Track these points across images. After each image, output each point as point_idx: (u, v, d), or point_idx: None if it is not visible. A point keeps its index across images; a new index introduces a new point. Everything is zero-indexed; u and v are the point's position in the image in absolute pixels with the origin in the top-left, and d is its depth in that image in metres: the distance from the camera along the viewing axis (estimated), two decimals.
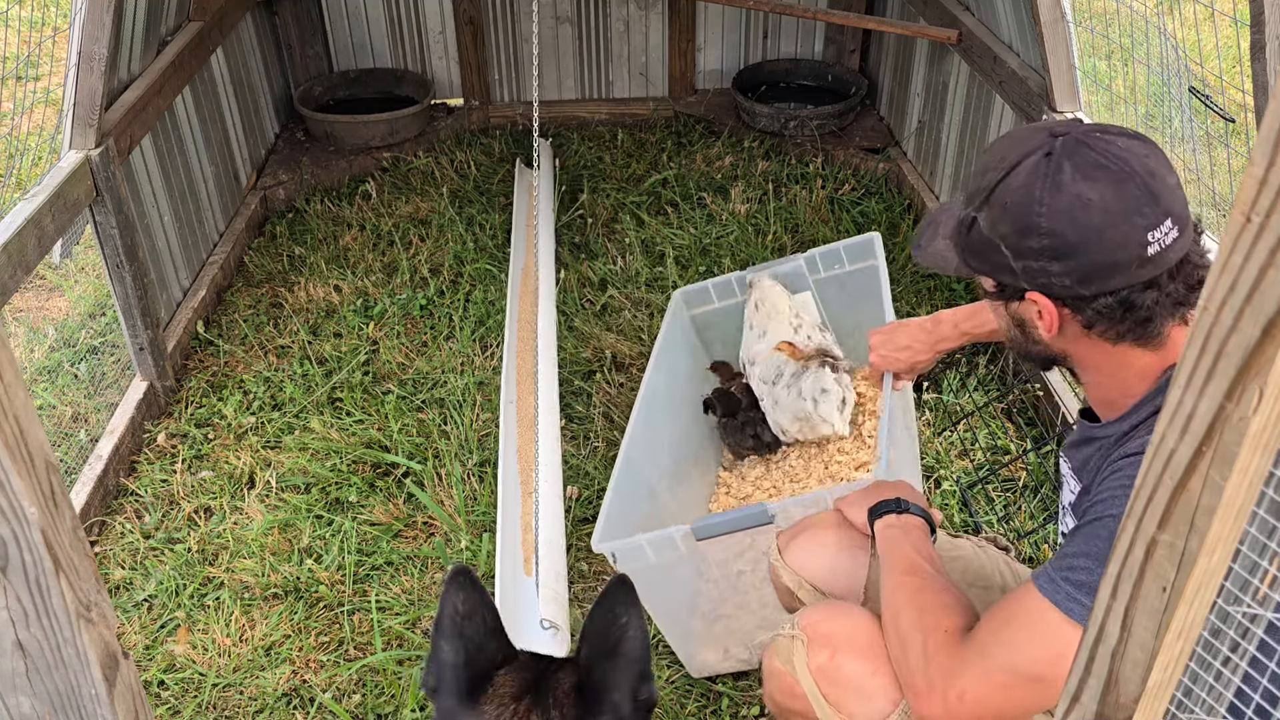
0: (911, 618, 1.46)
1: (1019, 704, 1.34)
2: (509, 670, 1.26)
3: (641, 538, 2.05)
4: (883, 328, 2.23)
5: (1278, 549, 0.71)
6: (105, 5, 2.69)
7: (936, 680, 1.37)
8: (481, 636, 1.25)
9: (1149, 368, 1.37)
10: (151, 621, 2.50)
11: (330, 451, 2.97)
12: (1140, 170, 1.28)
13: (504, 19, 4.78)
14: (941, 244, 1.50)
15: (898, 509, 1.68)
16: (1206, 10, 2.73)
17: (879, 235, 2.75)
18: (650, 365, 2.65)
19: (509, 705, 1.22)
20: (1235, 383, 0.66)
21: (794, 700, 1.59)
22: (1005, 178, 1.34)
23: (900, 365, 2.16)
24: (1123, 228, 1.27)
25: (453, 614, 1.24)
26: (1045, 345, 1.43)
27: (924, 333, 2.13)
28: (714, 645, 2.29)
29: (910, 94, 4.37)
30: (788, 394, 2.69)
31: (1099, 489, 1.34)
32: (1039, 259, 1.32)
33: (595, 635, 1.23)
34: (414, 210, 4.22)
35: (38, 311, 3.77)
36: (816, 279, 2.87)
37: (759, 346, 2.78)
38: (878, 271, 2.66)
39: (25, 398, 0.81)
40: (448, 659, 1.24)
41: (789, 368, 2.70)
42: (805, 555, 1.82)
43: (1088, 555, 1.28)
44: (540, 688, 1.23)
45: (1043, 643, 1.30)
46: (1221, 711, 0.82)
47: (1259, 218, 0.61)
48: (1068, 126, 1.35)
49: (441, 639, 1.24)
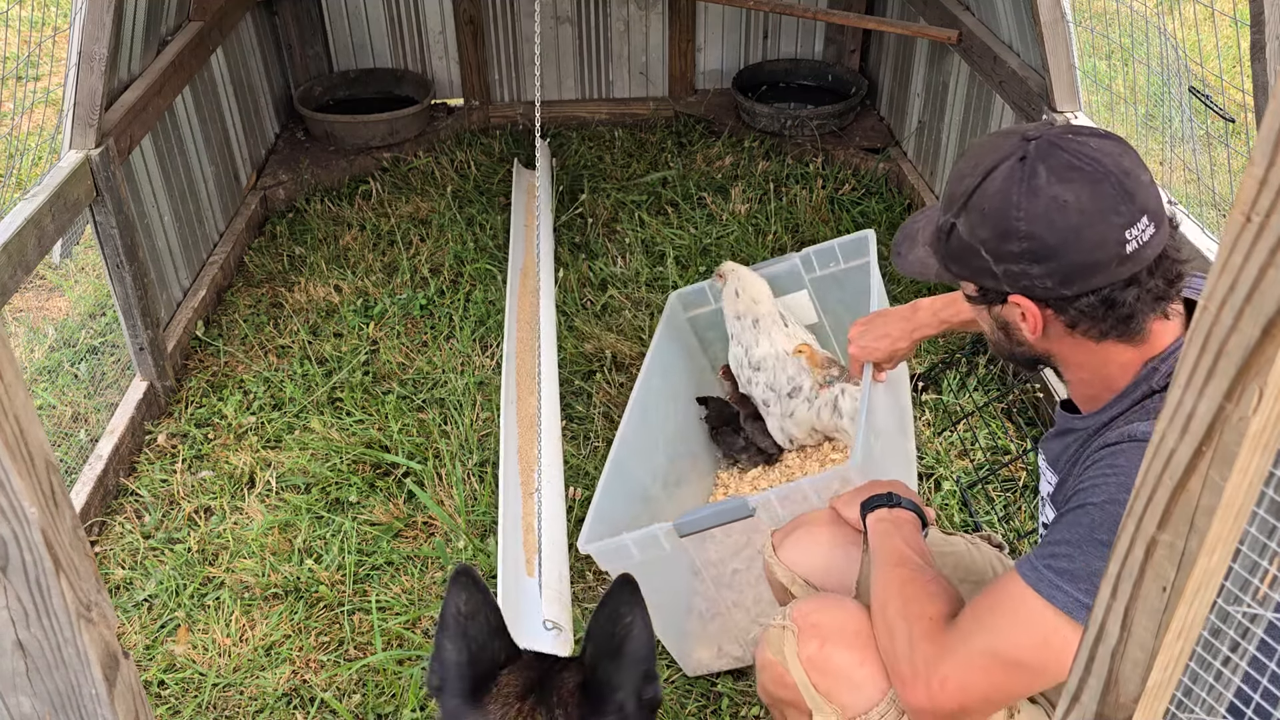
0: (898, 607, 1.48)
1: (1001, 689, 1.36)
2: (513, 670, 1.26)
3: (626, 536, 2.05)
4: (862, 318, 2.24)
5: (1278, 549, 0.71)
6: (105, 5, 2.69)
7: (920, 667, 1.39)
8: (485, 636, 1.25)
9: (1131, 362, 1.38)
10: (151, 621, 2.50)
11: (330, 451, 2.97)
12: (1114, 170, 1.30)
13: (504, 19, 4.78)
14: (921, 251, 1.52)
15: (890, 503, 1.70)
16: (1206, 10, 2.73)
17: (873, 232, 2.75)
18: (644, 367, 2.65)
19: (513, 704, 1.21)
20: (1235, 383, 0.66)
21: (785, 690, 1.61)
22: (981, 183, 1.36)
23: (880, 354, 2.17)
24: (1100, 227, 1.29)
25: (456, 614, 1.24)
26: (1029, 346, 1.45)
27: (902, 320, 2.14)
28: (709, 643, 2.30)
29: (910, 94, 4.37)
30: (808, 409, 2.67)
31: (1080, 478, 1.35)
32: (1019, 262, 1.33)
33: (600, 635, 1.23)
34: (414, 210, 4.22)
35: (38, 311, 3.77)
36: (813, 277, 2.87)
37: (760, 350, 2.76)
38: (872, 269, 2.67)
39: (25, 398, 0.81)
40: (451, 659, 1.24)
41: (806, 380, 2.68)
42: (799, 552, 1.84)
43: (1069, 543, 1.30)
44: (544, 687, 1.23)
45: (1024, 628, 1.32)
46: (1221, 711, 0.82)
47: (1259, 218, 0.61)
48: (1040, 130, 1.37)
49: (445, 639, 1.24)
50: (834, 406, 2.66)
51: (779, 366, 2.73)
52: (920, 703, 1.39)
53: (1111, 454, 1.32)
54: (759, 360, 2.76)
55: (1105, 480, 1.29)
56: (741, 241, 3.92)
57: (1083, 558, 1.28)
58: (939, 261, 1.47)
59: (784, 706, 1.65)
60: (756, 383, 2.77)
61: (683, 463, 2.76)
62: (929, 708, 1.38)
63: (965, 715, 1.39)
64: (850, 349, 2.22)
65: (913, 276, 1.54)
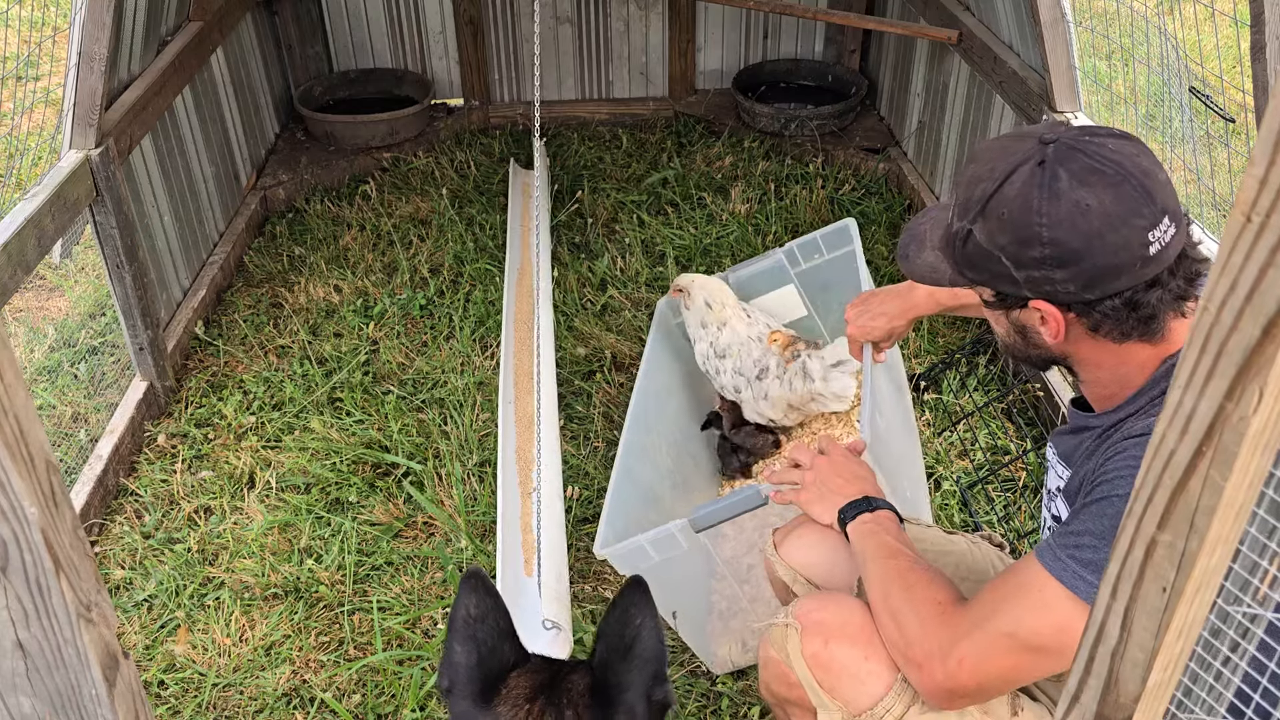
0: (902, 594, 1.48)
1: (1019, 670, 1.37)
2: (522, 672, 1.26)
3: (641, 537, 2.04)
4: (857, 298, 2.23)
5: (1278, 549, 0.71)
6: (105, 5, 2.69)
7: (935, 649, 1.39)
8: (494, 639, 1.25)
9: (1149, 360, 1.38)
10: (151, 621, 2.50)
11: (330, 451, 2.97)
12: (1135, 171, 1.29)
13: (504, 19, 4.78)
14: (931, 256, 1.50)
15: (869, 507, 1.69)
16: (1206, 10, 2.73)
17: (854, 220, 2.77)
18: (641, 371, 2.66)
19: (523, 706, 1.22)
20: (1235, 383, 0.66)
21: (789, 688, 1.61)
22: (999, 188, 1.34)
23: (878, 333, 2.16)
24: (1123, 231, 1.28)
25: (465, 617, 1.25)
26: (1047, 349, 1.44)
27: (898, 298, 2.13)
28: (732, 639, 2.29)
29: (910, 94, 4.37)
30: (779, 385, 2.69)
31: (1102, 468, 1.35)
32: (1042, 268, 1.32)
33: (610, 636, 1.23)
34: (414, 210, 4.22)
35: (38, 311, 3.77)
36: (798, 270, 2.87)
37: (724, 338, 2.75)
38: (854, 257, 2.67)
39: (25, 398, 0.81)
40: (461, 661, 1.24)
41: (772, 360, 2.70)
42: (801, 549, 1.83)
43: (1093, 534, 1.30)
44: (554, 688, 1.24)
45: (1045, 615, 1.32)
46: (1221, 711, 0.82)
47: (1259, 218, 0.61)
48: (1056, 132, 1.35)
49: (455, 641, 1.25)
50: (803, 373, 2.67)
51: (744, 351, 2.73)
52: (938, 681, 1.39)
53: (1136, 445, 1.32)
54: (724, 347, 2.77)
55: (1131, 472, 1.29)
56: (741, 241, 3.92)
57: (1107, 549, 1.28)
58: (953, 268, 1.45)
59: (787, 705, 1.65)
60: (724, 370, 2.77)
61: (686, 463, 2.76)
62: (947, 686, 1.38)
63: (983, 693, 1.40)
64: (848, 330, 2.21)
65: (923, 281, 1.52)
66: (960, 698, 1.41)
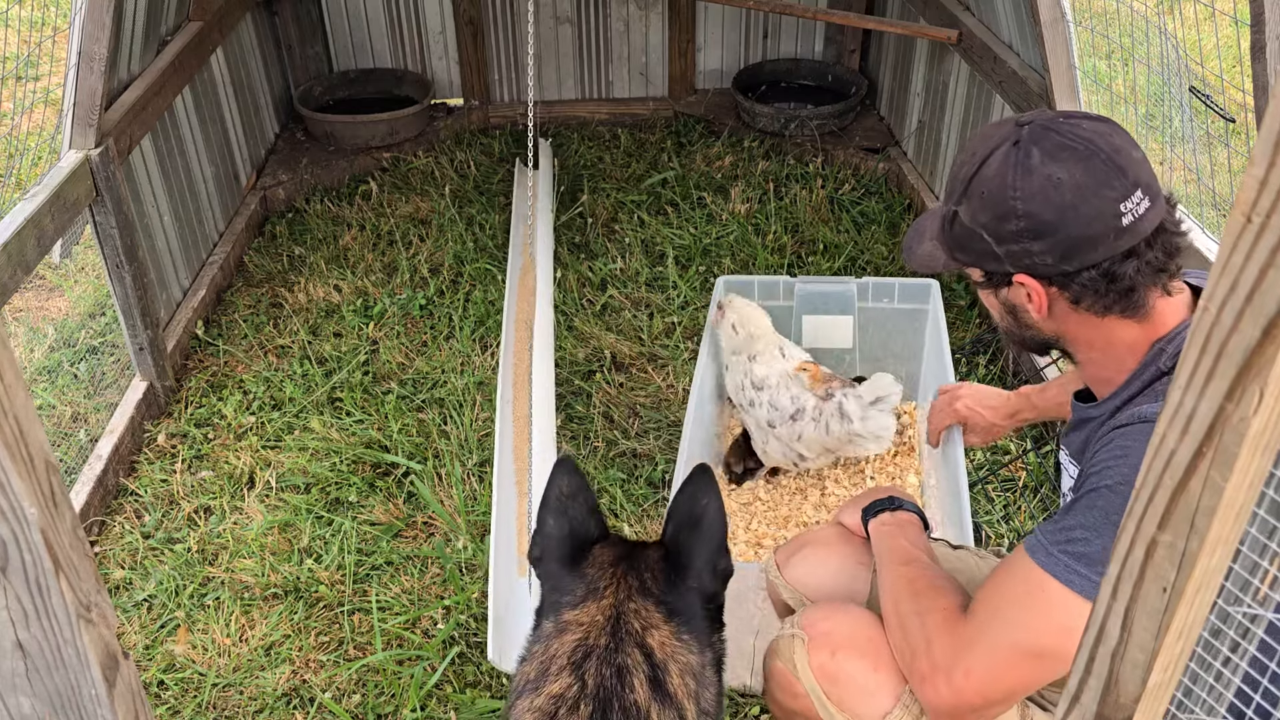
0: (909, 602, 1.49)
1: (1025, 678, 1.36)
2: (604, 545, 1.45)
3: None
4: (964, 384, 2.26)
5: (1278, 549, 0.71)
6: (105, 5, 2.68)
7: (940, 661, 1.39)
8: (583, 515, 1.45)
9: (1138, 341, 1.41)
10: (151, 621, 2.50)
11: (330, 451, 2.97)
12: (1105, 147, 1.33)
13: (504, 19, 4.78)
14: (929, 245, 1.55)
15: (892, 507, 1.70)
16: (1206, 10, 2.73)
17: (938, 284, 2.75)
18: (699, 366, 2.69)
19: (606, 569, 1.40)
20: (1235, 383, 0.66)
21: (796, 700, 1.59)
22: (979, 169, 1.40)
23: (981, 422, 2.19)
24: (1095, 201, 1.32)
25: (559, 494, 1.44)
26: (1038, 328, 1.47)
27: (1004, 400, 2.17)
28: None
29: (910, 94, 4.37)
30: (814, 428, 2.61)
31: (1091, 461, 1.37)
32: (1019, 240, 1.37)
33: (680, 514, 1.42)
34: (414, 210, 4.21)
35: (38, 311, 3.77)
36: (864, 307, 2.86)
37: (760, 370, 2.70)
38: (927, 316, 2.64)
39: (25, 398, 0.81)
40: (553, 532, 1.43)
41: (809, 400, 2.63)
42: (805, 571, 1.83)
43: (1084, 526, 1.31)
44: (632, 558, 1.42)
45: (1044, 616, 1.32)
46: (1221, 711, 0.82)
47: (1259, 218, 0.61)
48: (1033, 115, 1.41)
49: (547, 514, 1.44)
50: (840, 413, 2.59)
51: (781, 386, 2.66)
52: (942, 698, 1.38)
53: (1122, 435, 1.33)
54: (761, 380, 2.70)
55: (1117, 462, 1.30)
56: (741, 241, 3.92)
57: (1099, 540, 1.28)
58: (945, 251, 1.50)
59: (793, 717, 1.63)
60: (760, 403, 2.68)
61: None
62: (952, 703, 1.37)
63: (988, 708, 1.39)
64: (957, 405, 2.22)
65: (922, 269, 1.57)
66: (966, 714, 1.39)
